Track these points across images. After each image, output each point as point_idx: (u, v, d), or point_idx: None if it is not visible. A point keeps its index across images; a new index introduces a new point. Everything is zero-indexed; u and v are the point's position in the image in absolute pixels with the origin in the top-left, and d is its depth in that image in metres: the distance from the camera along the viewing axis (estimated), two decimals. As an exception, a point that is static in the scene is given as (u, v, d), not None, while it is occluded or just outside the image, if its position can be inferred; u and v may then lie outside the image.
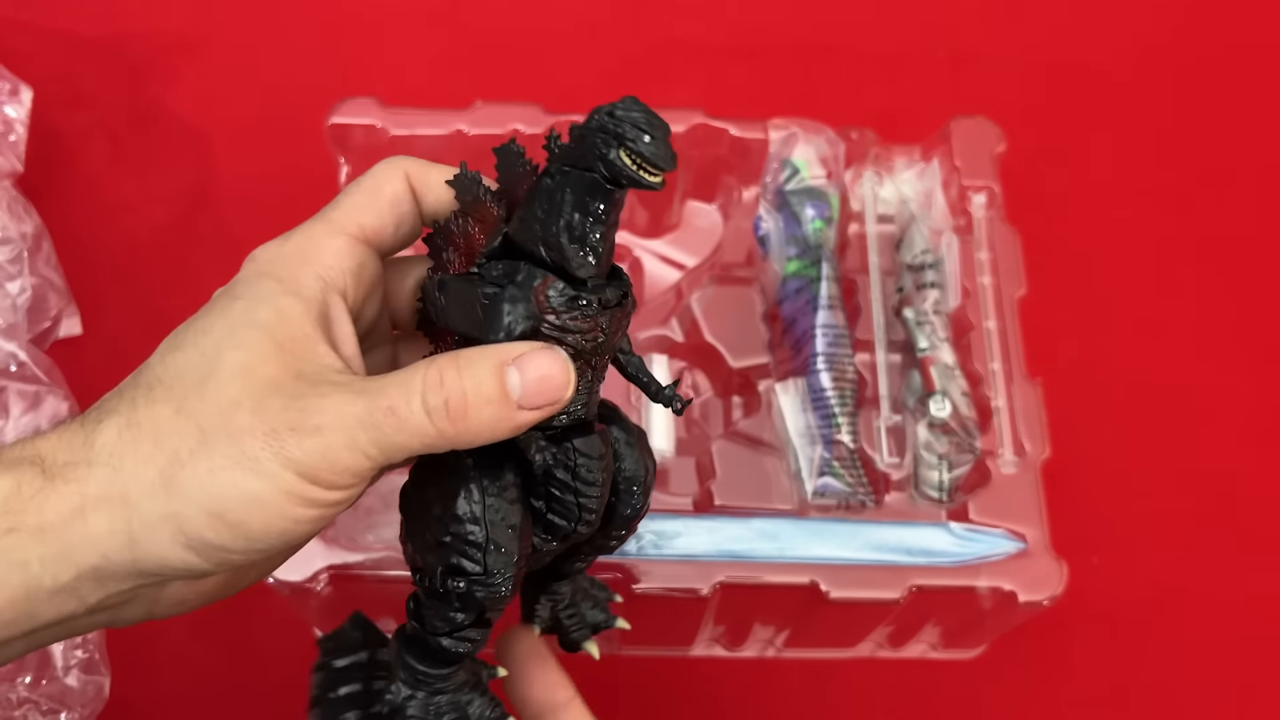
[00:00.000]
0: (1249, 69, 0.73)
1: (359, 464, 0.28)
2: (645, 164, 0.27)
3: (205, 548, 0.28)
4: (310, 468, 0.27)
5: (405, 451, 0.28)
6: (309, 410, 0.28)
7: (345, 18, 0.72)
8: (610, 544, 0.34)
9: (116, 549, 0.27)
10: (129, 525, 0.27)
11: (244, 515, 0.28)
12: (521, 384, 0.28)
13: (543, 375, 0.28)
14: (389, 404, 0.28)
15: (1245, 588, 0.58)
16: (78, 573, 0.27)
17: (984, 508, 0.48)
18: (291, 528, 0.28)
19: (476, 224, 0.31)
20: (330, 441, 0.28)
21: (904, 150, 0.56)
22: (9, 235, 0.58)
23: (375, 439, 0.28)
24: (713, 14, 0.74)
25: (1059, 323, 0.63)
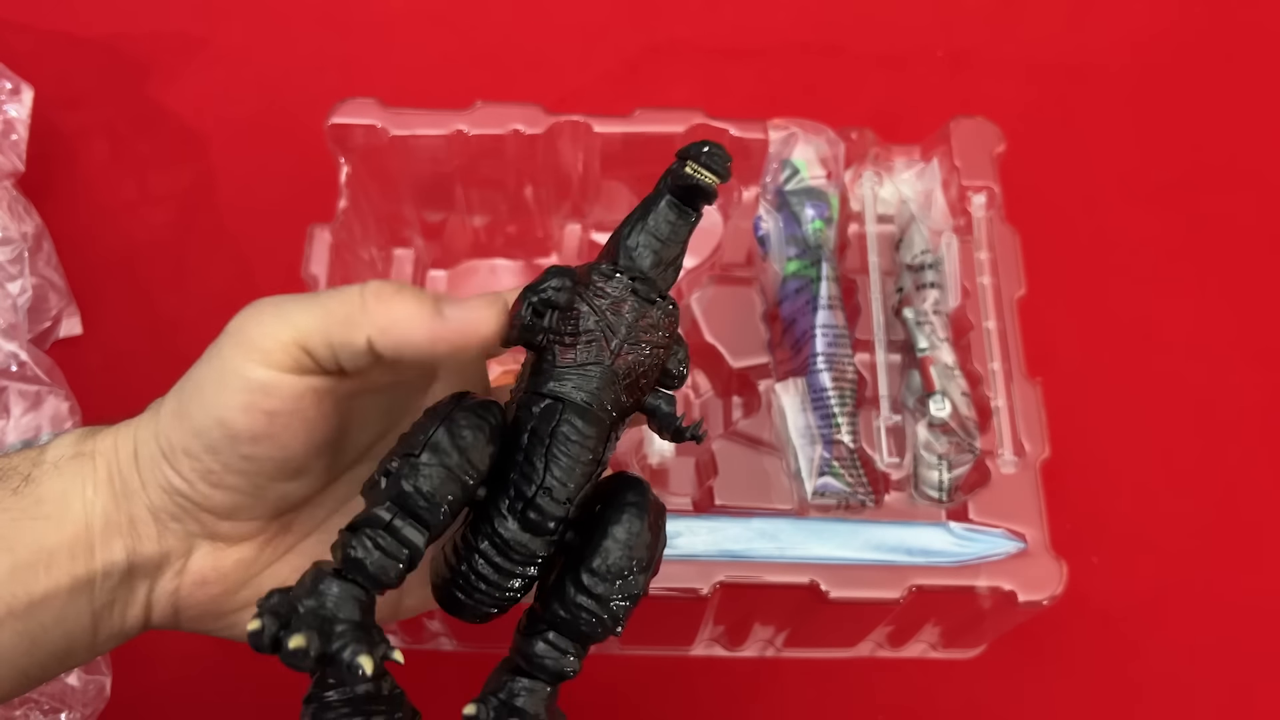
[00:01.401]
0: (1249, 68, 0.73)
1: (280, 330, 0.29)
2: (701, 169, 0.31)
3: (171, 450, 0.30)
4: (239, 331, 0.29)
5: (326, 318, 0.29)
6: (265, 296, 0.30)
7: (345, 18, 0.72)
8: (580, 610, 0.30)
9: (129, 468, 0.31)
10: (135, 442, 0.31)
11: (189, 402, 0.30)
12: (453, 304, 0.30)
13: (472, 306, 0.30)
14: (336, 288, 0.30)
15: (1245, 587, 0.58)
16: (113, 498, 0.31)
17: (984, 507, 0.48)
18: (226, 414, 0.29)
19: None
20: (263, 309, 0.30)
21: (904, 150, 0.56)
22: (10, 235, 0.58)
23: (304, 306, 0.29)
24: (713, 14, 0.74)
25: (1059, 323, 0.63)
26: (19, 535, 0.30)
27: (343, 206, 0.54)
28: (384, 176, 0.56)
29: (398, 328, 0.29)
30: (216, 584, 0.32)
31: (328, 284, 0.51)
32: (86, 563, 0.30)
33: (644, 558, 0.30)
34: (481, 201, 0.59)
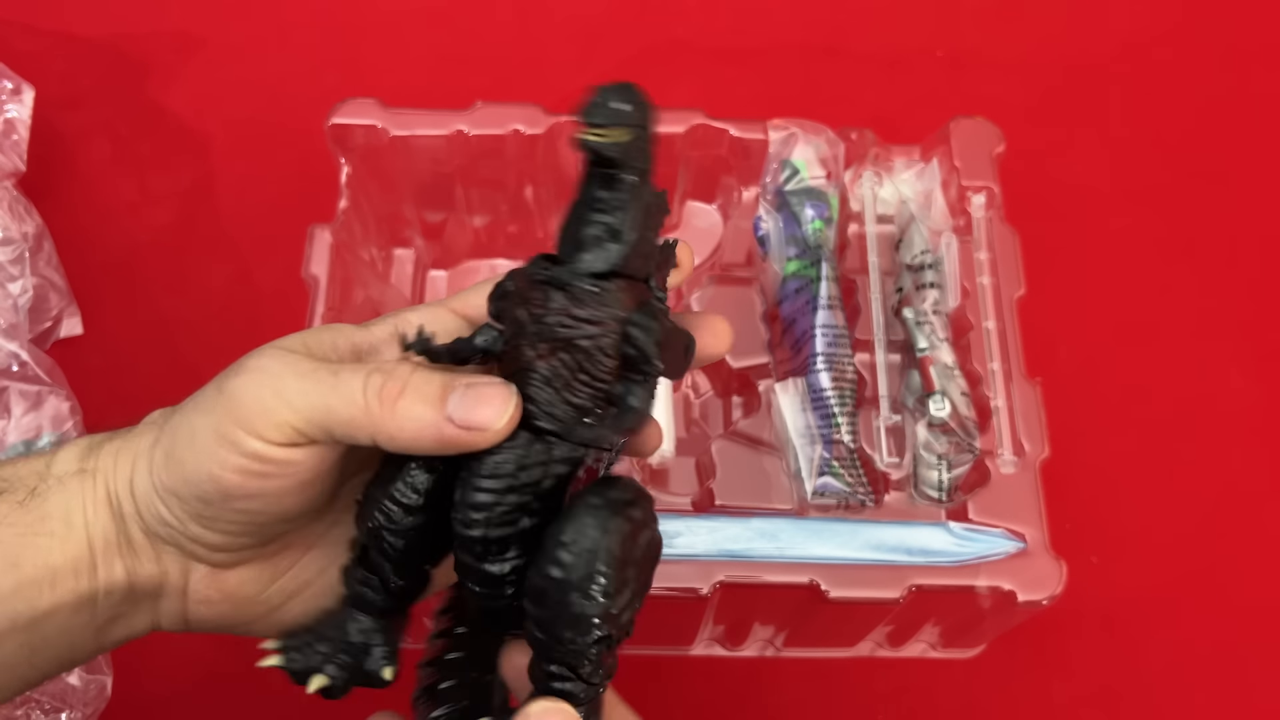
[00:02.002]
0: (1248, 69, 0.73)
1: (278, 411, 0.28)
2: (587, 130, 0.28)
3: (164, 491, 0.30)
4: (236, 403, 0.28)
5: (328, 415, 0.28)
6: (261, 354, 0.30)
7: (345, 18, 0.72)
8: (550, 650, 0.28)
9: (125, 494, 0.31)
10: (131, 470, 0.31)
11: (184, 454, 0.29)
12: (461, 401, 0.28)
13: (485, 398, 0.28)
14: (337, 369, 0.29)
15: (1244, 587, 0.58)
16: (112, 519, 0.30)
17: (983, 507, 0.48)
18: (218, 473, 0.29)
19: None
20: (261, 381, 0.29)
21: (903, 151, 0.56)
22: (10, 235, 0.58)
23: (304, 390, 0.28)
24: (713, 15, 0.74)
25: (1058, 323, 0.63)
26: (24, 551, 0.30)
27: (343, 206, 0.54)
28: (384, 176, 0.56)
29: (404, 434, 0.28)
30: (222, 603, 0.32)
31: (328, 284, 0.51)
32: (90, 580, 0.30)
33: (599, 576, 0.26)
34: (481, 201, 0.59)
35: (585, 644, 0.27)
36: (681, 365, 0.31)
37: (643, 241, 0.29)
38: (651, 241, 0.30)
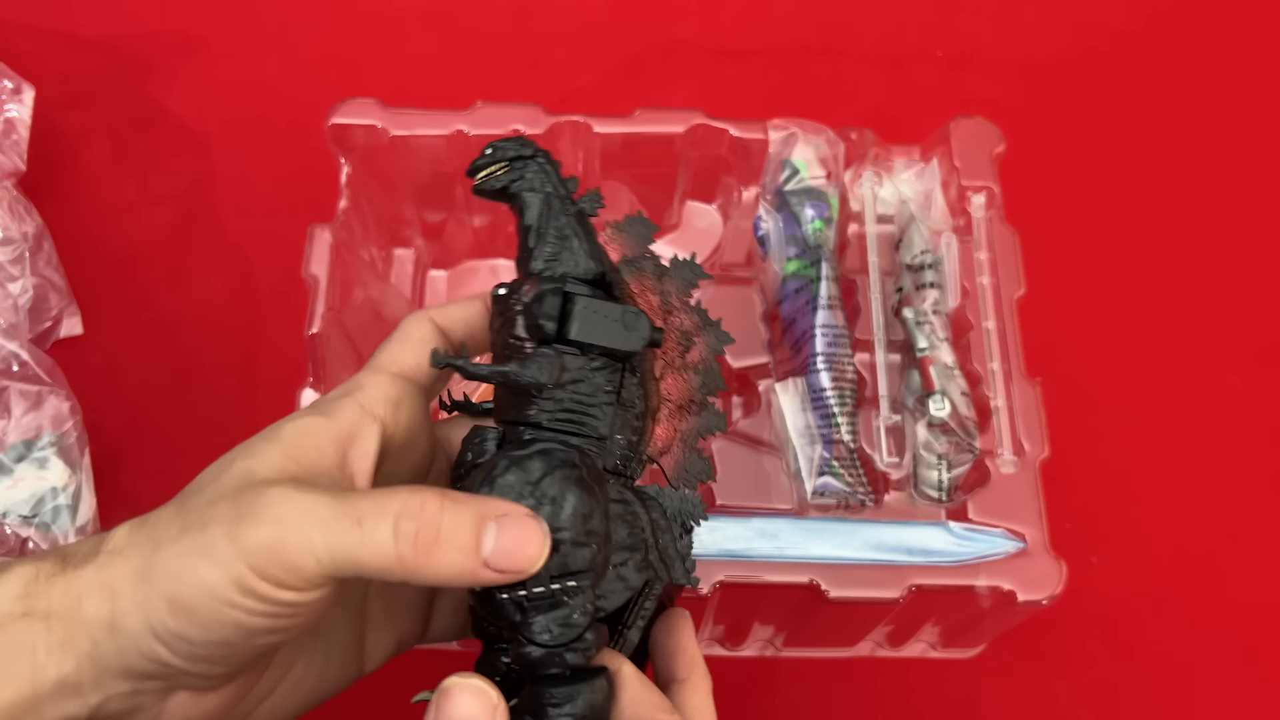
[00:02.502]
0: (1248, 68, 0.73)
1: (307, 565, 0.27)
2: (477, 179, 0.35)
3: (169, 636, 0.28)
4: (260, 558, 0.27)
5: (358, 568, 0.27)
6: (277, 502, 0.28)
7: (345, 18, 0.72)
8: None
9: (104, 636, 0.28)
10: (112, 611, 0.28)
11: (197, 602, 0.27)
12: (496, 544, 0.28)
13: (519, 541, 0.28)
14: (359, 514, 0.28)
15: (1244, 587, 0.58)
16: (76, 662, 0.28)
17: (983, 507, 0.48)
18: (244, 620, 0.27)
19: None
20: (284, 535, 0.27)
21: (903, 150, 0.56)
22: (10, 235, 0.58)
23: (331, 545, 0.27)
24: (712, 14, 0.74)
25: (1058, 323, 0.63)
26: None
27: (343, 206, 0.54)
28: (384, 176, 0.56)
29: (439, 580, 0.28)
30: (199, 719, 0.31)
31: (328, 284, 0.51)
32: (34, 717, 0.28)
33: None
34: (481, 201, 0.58)
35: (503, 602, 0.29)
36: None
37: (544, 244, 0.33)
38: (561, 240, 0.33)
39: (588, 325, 0.31)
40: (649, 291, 0.35)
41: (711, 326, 0.35)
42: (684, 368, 0.35)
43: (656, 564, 0.32)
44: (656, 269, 0.35)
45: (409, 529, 0.27)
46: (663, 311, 0.35)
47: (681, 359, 0.35)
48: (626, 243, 0.35)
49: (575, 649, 0.29)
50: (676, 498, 0.33)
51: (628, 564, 0.31)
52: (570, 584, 0.29)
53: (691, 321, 0.35)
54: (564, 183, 0.34)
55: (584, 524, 0.29)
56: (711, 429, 0.34)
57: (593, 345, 0.31)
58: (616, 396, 0.32)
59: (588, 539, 0.29)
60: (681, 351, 0.35)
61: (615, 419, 0.32)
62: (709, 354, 0.35)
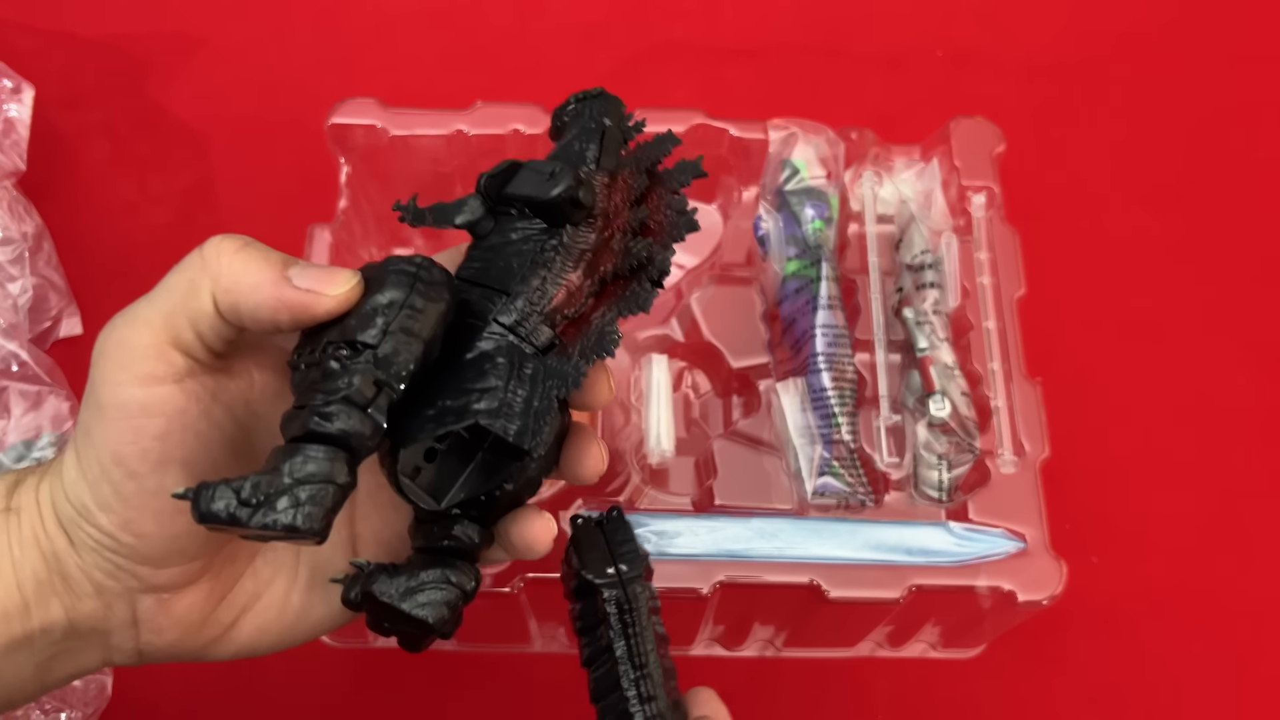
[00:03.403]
0: (1249, 68, 0.73)
1: (138, 335, 0.28)
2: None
3: (88, 506, 0.29)
4: (101, 356, 0.28)
5: (172, 297, 0.29)
6: (119, 313, 0.30)
7: (345, 18, 0.72)
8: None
9: (55, 529, 0.29)
10: (53, 502, 0.29)
11: (84, 444, 0.28)
12: (302, 268, 0.28)
13: (323, 275, 0.28)
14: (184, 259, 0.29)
15: (1245, 587, 0.58)
16: (43, 559, 0.29)
17: (983, 507, 0.48)
18: (117, 449, 0.28)
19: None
20: (113, 323, 0.29)
21: (903, 150, 0.56)
22: (10, 235, 0.58)
23: (150, 298, 0.29)
24: (713, 14, 0.74)
25: (1058, 323, 0.63)
26: None
27: (343, 206, 0.54)
28: (384, 176, 0.56)
29: (239, 286, 0.28)
30: (173, 629, 0.31)
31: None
32: (22, 623, 0.29)
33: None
34: (481, 201, 0.59)
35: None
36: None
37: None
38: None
39: (519, 182, 0.32)
40: (630, 182, 0.34)
41: (683, 216, 0.34)
42: (625, 247, 0.33)
43: (492, 420, 0.29)
44: (648, 160, 0.35)
45: (214, 240, 0.29)
46: (633, 197, 0.34)
47: (626, 235, 0.33)
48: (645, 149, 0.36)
49: (320, 411, 0.27)
50: (559, 363, 0.31)
51: (457, 405, 0.30)
52: (341, 352, 0.28)
53: (664, 206, 0.34)
54: (621, 118, 0.36)
55: (381, 307, 0.28)
56: (634, 305, 0.33)
57: (515, 197, 0.32)
58: (532, 256, 0.32)
59: (374, 319, 0.28)
60: (632, 230, 0.33)
61: (524, 274, 0.31)
62: (666, 236, 0.34)
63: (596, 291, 0.32)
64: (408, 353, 0.29)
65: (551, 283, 0.32)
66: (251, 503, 0.25)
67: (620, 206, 0.33)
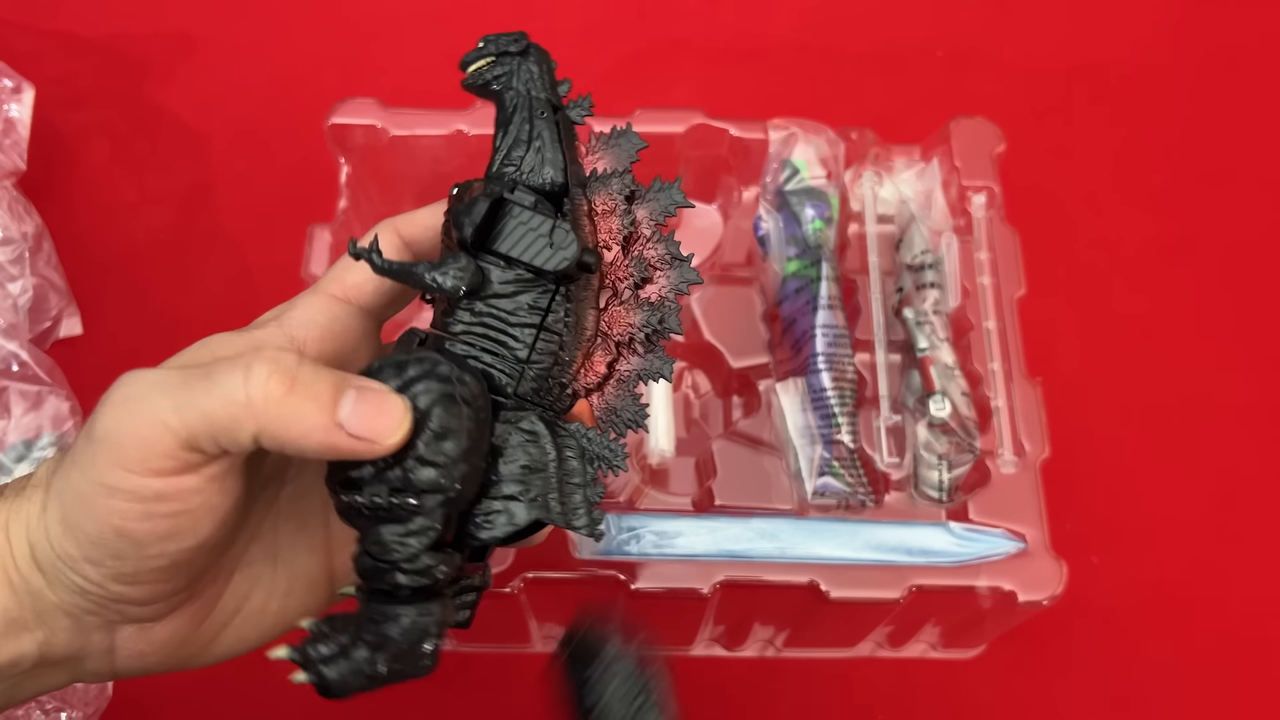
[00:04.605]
0: (1249, 68, 0.73)
1: (158, 437, 0.25)
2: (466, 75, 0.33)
3: (72, 560, 0.27)
4: (111, 446, 0.25)
5: (208, 422, 0.25)
6: (122, 383, 0.26)
7: (345, 18, 0.72)
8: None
9: (28, 567, 0.27)
10: (29, 541, 0.27)
11: (78, 516, 0.26)
12: (353, 408, 0.26)
13: (377, 409, 0.26)
14: (211, 369, 0.26)
15: (1245, 588, 0.58)
16: (15, 596, 0.27)
17: (984, 508, 0.48)
18: (121, 525, 0.26)
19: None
20: (130, 412, 0.26)
21: (904, 150, 0.56)
22: (10, 235, 0.58)
23: (177, 404, 0.25)
24: (713, 14, 0.74)
25: (1058, 323, 0.63)
26: None
27: (343, 206, 0.54)
28: (384, 176, 0.56)
29: (288, 434, 0.26)
30: (153, 654, 0.30)
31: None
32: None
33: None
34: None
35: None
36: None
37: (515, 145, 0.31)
38: (529, 142, 0.31)
39: (512, 237, 0.29)
40: (613, 213, 0.32)
41: (680, 263, 0.32)
42: (633, 302, 0.31)
43: (554, 506, 0.29)
44: (624, 188, 0.32)
45: (261, 372, 0.26)
46: (622, 236, 0.32)
47: (632, 291, 0.31)
48: (607, 158, 0.33)
49: (404, 570, 0.27)
50: (598, 440, 0.30)
51: (518, 500, 0.29)
52: (410, 501, 0.27)
53: (657, 253, 0.32)
54: (551, 86, 0.32)
55: (435, 443, 0.27)
56: (653, 374, 0.31)
57: (513, 259, 0.29)
58: (542, 319, 0.30)
59: (435, 458, 0.27)
60: (634, 283, 0.32)
61: (536, 344, 0.30)
62: (669, 291, 0.32)
63: (614, 359, 0.32)
64: (473, 483, 0.28)
65: (568, 352, 0.30)
66: (382, 672, 0.27)
67: (609, 241, 0.32)
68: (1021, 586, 0.46)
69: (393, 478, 0.27)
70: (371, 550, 0.27)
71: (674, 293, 0.32)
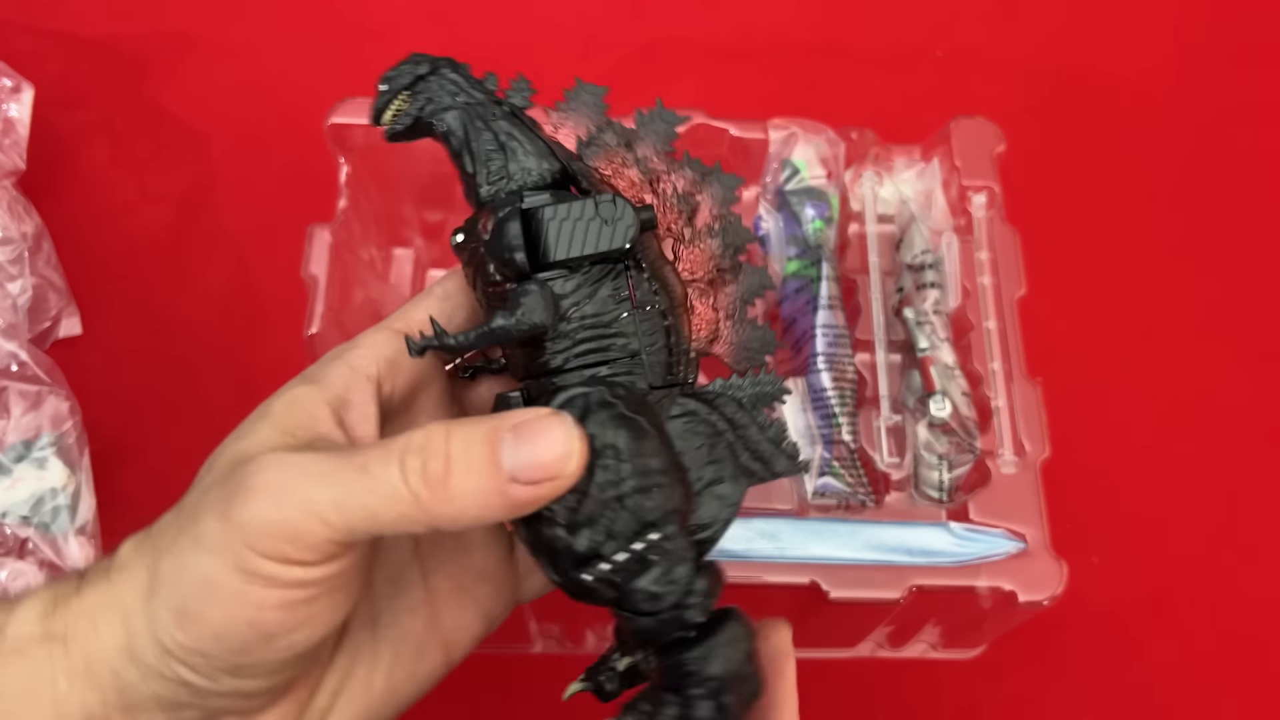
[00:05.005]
0: (1250, 67, 0.73)
1: (313, 530, 0.24)
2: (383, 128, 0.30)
3: (185, 653, 0.25)
4: (258, 534, 0.24)
5: (373, 521, 0.24)
6: (268, 467, 0.24)
7: (345, 17, 0.72)
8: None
9: (122, 662, 0.25)
10: (126, 633, 0.25)
11: (202, 604, 0.24)
12: (516, 452, 0.24)
13: (542, 441, 0.24)
14: (362, 460, 0.24)
15: (1246, 588, 0.58)
16: (101, 695, 0.25)
17: (984, 508, 0.48)
18: (256, 615, 0.24)
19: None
20: (280, 501, 0.24)
21: (904, 150, 0.56)
22: (10, 235, 0.58)
23: (337, 499, 0.24)
24: (713, 14, 0.74)
25: (1059, 323, 0.63)
26: None
27: (342, 206, 0.54)
28: (384, 176, 0.56)
29: (469, 515, 0.24)
30: None
31: (327, 285, 0.50)
32: None
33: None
34: (481, 201, 0.59)
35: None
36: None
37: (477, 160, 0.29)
38: (488, 149, 0.29)
39: (564, 238, 0.27)
40: (624, 166, 0.30)
41: (712, 174, 0.30)
42: (696, 235, 0.30)
43: (752, 464, 0.28)
44: (621, 137, 0.30)
45: (416, 464, 0.24)
46: (647, 182, 0.30)
47: (690, 226, 0.30)
48: (580, 121, 0.31)
49: (689, 604, 0.25)
50: (746, 384, 0.29)
51: (721, 480, 0.27)
52: (653, 537, 0.25)
53: (686, 179, 0.30)
54: (480, 85, 0.30)
55: (641, 466, 0.25)
56: (756, 290, 0.29)
57: (578, 258, 0.27)
58: (631, 303, 0.27)
59: (651, 480, 0.25)
60: (687, 218, 0.30)
61: (640, 328, 0.27)
62: (720, 206, 0.30)
63: (713, 298, 0.29)
64: (686, 484, 0.27)
65: (671, 318, 0.28)
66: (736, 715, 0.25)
67: (637, 194, 0.29)
68: (1022, 587, 0.46)
69: (623, 527, 0.25)
70: (644, 609, 0.25)
71: (725, 205, 0.30)
